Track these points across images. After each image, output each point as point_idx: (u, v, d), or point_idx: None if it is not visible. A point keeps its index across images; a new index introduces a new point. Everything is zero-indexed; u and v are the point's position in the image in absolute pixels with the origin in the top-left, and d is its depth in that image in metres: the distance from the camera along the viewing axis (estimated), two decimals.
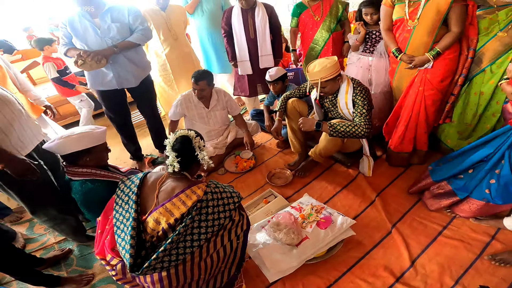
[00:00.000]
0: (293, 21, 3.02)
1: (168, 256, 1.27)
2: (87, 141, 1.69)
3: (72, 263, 2.09)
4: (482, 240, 1.78)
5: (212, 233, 1.33)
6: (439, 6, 1.94)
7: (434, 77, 2.14)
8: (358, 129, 2.08)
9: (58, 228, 2.06)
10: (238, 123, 2.98)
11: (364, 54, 2.65)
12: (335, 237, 1.82)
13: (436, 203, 1.96)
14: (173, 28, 2.93)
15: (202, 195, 1.32)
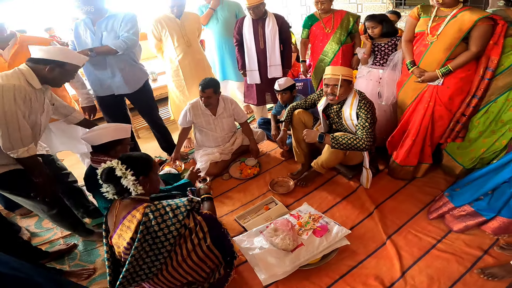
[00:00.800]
0: (304, 33, 3.10)
1: (139, 272, 1.41)
2: (120, 133, 1.93)
3: (75, 257, 2.18)
4: (474, 254, 1.80)
5: (171, 246, 1.41)
6: (462, 24, 1.94)
7: (443, 94, 2.16)
8: (359, 142, 2.13)
9: (60, 224, 2.18)
10: (244, 131, 3.06)
11: (374, 67, 2.72)
12: (329, 245, 1.86)
13: (461, 224, 1.94)
14: (186, 35, 3.05)
15: (142, 218, 1.36)
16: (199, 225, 1.48)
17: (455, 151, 2.36)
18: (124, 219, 1.41)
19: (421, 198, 2.27)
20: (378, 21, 2.59)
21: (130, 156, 1.51)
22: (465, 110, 2.19)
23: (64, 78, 1.89)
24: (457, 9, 1.98)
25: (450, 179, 2.41)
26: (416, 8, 2.20)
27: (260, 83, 3.27)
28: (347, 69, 2.23)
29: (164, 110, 4.12)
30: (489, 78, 2.03)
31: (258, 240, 1.96)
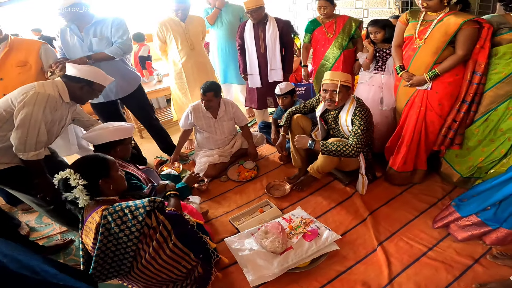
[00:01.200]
0: (306, 37, 3.11)
1: (110, 269, 1.44)
2: (121, 133, 1.98)
3: (71, 252, 2.23)
4: (464, 263, 1.78)
5: (136, 245, 1.42)
6: (448, 27, 1.97)
7: (432, 99, 2.18)
8: (349, 149, 2.14)
9: (55, 219, 2.22)
10: (244, 134, 3.09)
11: (376, 72, 2.72)
12: (318, 249, 1.87)
13: (465, 233, 1.92)
14: (190, 38, 3.10)
15: (100, 220, 1.37)
16: (162, 224, 1.47)
17: (453, 159, 2.34)
18: (86, 220, 1.44)
19: (417, 205, 2.25)
20: (381, 26, 2.60)
21: (84, 161, 1.51)
22: (456, 116, 2.18)
23: (90, 96, 2.01)
24: (443, 13, 2.01)
25: (447, 187, 2.39)
26: (405, 13, 2.24)
27: (261, 87, 3.30)
28: (346, 74, 2.24)
29: (168, 111, 4.18)
30: (477, 82, 2.04)
31: (249, 241, 1.98)
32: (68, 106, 1.98)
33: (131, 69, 2.82)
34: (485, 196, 1.85)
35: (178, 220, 1.59)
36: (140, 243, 1.44)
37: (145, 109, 3.03)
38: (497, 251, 1.80)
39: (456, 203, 2.00)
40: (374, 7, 4.38)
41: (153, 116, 3.12)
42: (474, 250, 1.85)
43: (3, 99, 1.81)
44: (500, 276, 1.67)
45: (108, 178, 1.50)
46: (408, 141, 2.31)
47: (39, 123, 1.74)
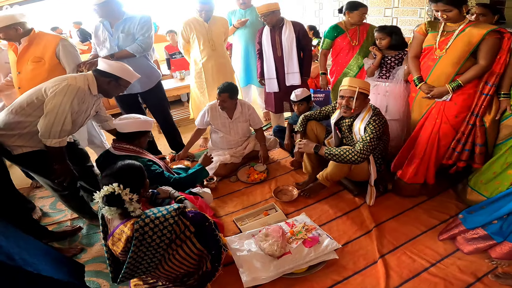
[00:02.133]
0: (327, 43, 3.02)
1: (138, 270, 1.52)
2: (146, 125, 2.17)
3: (77, 239, 2.31)
4: (465, 280, 1.71)
5: (165, 250, 1.52)
6: (472, 37, 1.93)
7: (449, 111, 2.12)
8: (351, 154, 2.09)
9: (67, 204, 2.33)
10: (258, 137, 3.10)
11: (381, 80, 2.67)
12: (316, 257, 1.84)
13: (471, 246, 1.87)
14: (212, 39, 3.15)
15: (132, 234, 1.42)
16: (187, 228, 1.57)
17: (479, 186, 2.21)
18: (115, 231, 1.48)
19: (426, 221, 2.17)
20: (387, 33, 2.57)
21: (124, 174, 1.54)
22: (465, 128, 2.12)
23: (116, 90, 2.12)
24: (464, 24, 1.97)
25: (461, 205, 2.29)
26: (424, 24, 2.20)
27: (278, 91, 3.30)
28: (365, 82, 2.20)
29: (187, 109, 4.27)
30: (486, 93, 1.99)
31: (248, 242, 1.98)
32: (95, 99, 2.09)
33: (153, 65, 2.92)
34: (492, 209, 1.79)
35: (200, 220, 1.64)
36: (169, 248, 1.55)
37: (162, 105, 3.12)
38: (501, 272, 1.72)
39: (463, 215, 1.93)
40: (404, 16, 4.27)
41: (169, 113, 3.22)
42: (478, 268, 1.77)
43: (36, 87, 1.93)
44: None
45: (145, 186, 1.62)
46: (421, 153, 2.25)
47: (66, 113, 1.85)
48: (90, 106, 2.06)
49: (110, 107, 4.70)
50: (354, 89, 2.14)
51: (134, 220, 1.46)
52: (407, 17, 4.26)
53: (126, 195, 1.45)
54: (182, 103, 4.97)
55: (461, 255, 1.87)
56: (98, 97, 2.12)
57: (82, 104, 1.95)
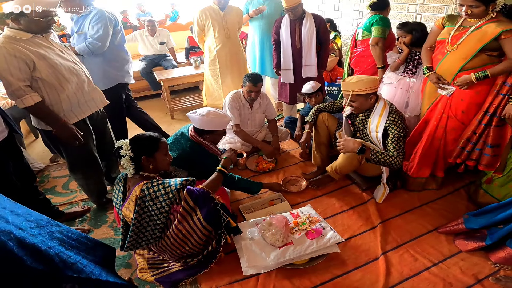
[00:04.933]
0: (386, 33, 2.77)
1: (143, 237, 1.67)
2: (214, 126, 2.17)
3: (85, 220, 2.36)
4: (466, 282, 1.68)
5: (165, 217, 1.64)
6: (485, 35, 1.89)
7: (456, 107, 2.10)
8: (394, 160, 2.06)
9: (86, 188, 2.34)
10: (270, 127, 3.09)
11: (406, 75, 2.60)
12: (318, 249, 1.82)
13: (464, 244, 1.88)
14: (227, 27, 3.15)
15: (139, 193, 1.58)
16: (184, 199, 1.63)
17: (492, 188, 2.16)
18: (130, 194, 1.61)
19: (433, 220, 2.13)
20: (408, 31, 2.51)
21: (139, 136, 1.71)
22: (477, 127, 2.06)
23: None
24: (484, 20, 1.90)
25: (472, 206, 2.24)
26: (442, 17, 2.16)
27: (293, 83, 3.27)
28: (362, 82, 2.09)
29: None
30: (504, 93, 1.92)
31: (251, 231, 1.98)
32: (41, 43, 1.85)
33: (110, 68, 2.72)
34: (493, 214, 1.77)
35: (204, 197, 1.68)
36: (170, 215, 1.65)
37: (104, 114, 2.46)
38: (503, 275, 1.69)
39: (468, 216, 1.91)
40: (429, 12, 4.13)
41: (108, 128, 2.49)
42: (480, 271, 1.74)
43: None
44: None
45: (151, 158, 1.67)
46: (426, 146, 2.25)
47: (7, 71, 1.71)
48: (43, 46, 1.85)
49: None
50: (348, 93, 2.14)
51: (146, 181, 1.60)
52: (432, 14, 4.12)
53: (124, 150, 1.61)
54: (200, 91, 4.99)
55: (465, 256, 1.84)
56: (47, 33, 1.89)
57: (14, 58, 1.71)
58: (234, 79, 3.35)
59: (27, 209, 1.40)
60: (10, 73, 1.71)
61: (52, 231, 1.36)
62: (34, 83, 1.82)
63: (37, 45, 1.83)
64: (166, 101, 4.00)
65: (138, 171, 1.69)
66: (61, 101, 1.92)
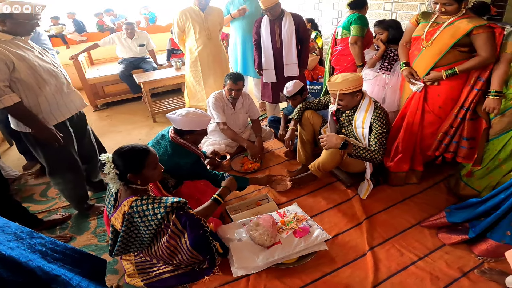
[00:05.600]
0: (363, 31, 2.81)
1: (132, 246, 1.69)
2: (194, 125, 2.13)
3: (66, 227, 2.29)
4: (452, 275, 1.72)
5: (153, 234, 1.64)
6: (457, 31, 1.96)
7: (433, 102, 2.17)
8: (375, 155, 2.12)
9: (66, 193, 2.27)
10: (254, 127, 3.09)
11: (382, 72, 2.67)
12: (306, 247, 1.84)
13: (448, 238, 1.93)
14: (208, 28, 3.13)
15: (128, 210, 1.56)
16: (172, 222, 1.62)
17: (472, 180, 2.23)
18: (120, 205, 1.60)
19: (416, 214, 2.18)
20: (384, 27, 2.59)
21: (124, 152, 1.60)
22: (453, 121, 2.15)
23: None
24: (456, 17, 1.98)
25: (452, 198, 2.31)
26: (417, 14, 2.23)
27: (276, 82, 3.28)
28: (347, 81, 2.14)
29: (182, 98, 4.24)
30: (478, 88, 2.01)
31: (239, 232, 1.98)
32: (21, 45, 1.84)
33: None
34: (474, 208, 1.83)
35: (193, 224, 1.65)
36: (158, 233, 1.65)
37: None
38: (487, 267, 1.74)
39: (450, 210, 1.97)
40: (404, 10, 4.23)
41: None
42: (465, 264, 1.79)
43: None
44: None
45: (138, 175, 1.62)
46: (404, 141, 2.32)
47: None
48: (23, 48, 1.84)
49: (105, 96, 4.69)
50: (335, 92, 2.18)
51: (136, 197, 1.57)
52: (406, 12, 4.23)
53: (108, 168, 1.55)
54: (182, 93, 4.94)
55: (449, 250, 1.89)
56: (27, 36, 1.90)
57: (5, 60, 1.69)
58: (216, 80, 3.34)
59: (6, 221, 1.35)
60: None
61: (33, 243, 1.32)
62: (12, 84, 1.78)
63: (17, 47, 1.81)
64: (147, 104, 3.94)
65: (128, 184, 1.65)
66: (40, 103, 1.88)
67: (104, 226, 2.24)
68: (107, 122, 4.16)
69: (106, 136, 3.67)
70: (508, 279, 1.52)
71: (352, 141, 2.21)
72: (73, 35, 5.56)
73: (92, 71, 4.88)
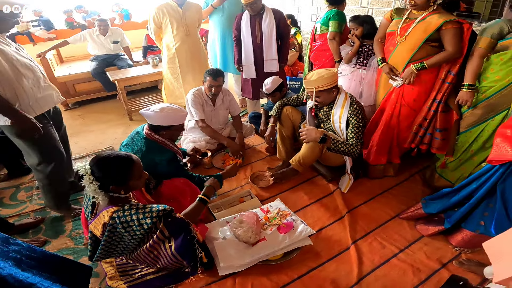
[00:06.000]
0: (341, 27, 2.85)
1: (114, 252, 1.62)
2: (170, 120, 2.06)
3: (40, 231, 2.19)
4: (432, 267, 1.78)
5: (138, 242, 1.57)
6: (428, 26, 2.02)
7: (408, 95, 2.24)
8: (354, 149, 2.16)
9: (48, 188, 2.17)
10: (235, 124, 3.06)
11: (358, 67, 2.72)
12: (291, 243, 1.85)
13: (425, 229, 1.98)
14: (186, 24, 3.07)
15: (109, 221, 1.47)
16: (159, 230, 1.56)
17: (446, 172, 2.31)
18: (99, 214, 1.52)
19: (395, 207, 2.24)
20: (359, 23, 2.64)
21: (105, 163, 1.49)
22: (427, 114, 2.24)
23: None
24: (427, 12, 2.06)
25: (427, 190, 2.39)
26: (390, 10, 2.29)
27: (256, 78, 3.26)
28: (323, 78, 2.14)
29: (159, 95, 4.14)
30: (449, 82, 2.10)
31: (223, 230, 1.96)
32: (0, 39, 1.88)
33: None
34: (448, 198, 1.89)
35: (182, 229, 1.61)
36: (142, 240, 1.58)
37: None
38: (464, 258, 1.81)
39: (426, 201, 2.03)
40: (379, 6, 4.31)
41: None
42: (443, 255, 1.84)
43: None
44: None
45: (123, 186, 1.54)
46: (382, 135, 2.38)
47: None
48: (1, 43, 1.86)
49: (77, 94, 4.52)
50: (312, 90, 2.19)
51: (117, 208, 1.48)
52: (381, 8, 4.30)
53: (87, 180, 1.44)
54: (159, 91, 4.83)
55: (427, 241, 1.95)
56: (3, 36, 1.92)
57: None
58: (195, 77, 3.28)
59: None
60: None
61: (7, 250, 1.25)
62: None
63: None
64: (123, 102, 3.82)
65: (108, 192, 1.54)
66: (18, 96, 1.87)
67: (81, 228, 2.17)
68: (79, 122, 4.00)
69: (79, 136, 3.54)
70: (486, 270, 1.57)
71: (331, 135, 2.24)
72: (40, 32, 5.31)
73: (62, 69, 4.67)
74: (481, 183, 1.73)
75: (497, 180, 1.64)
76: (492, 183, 1.66)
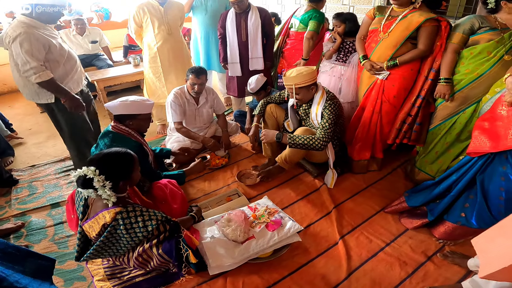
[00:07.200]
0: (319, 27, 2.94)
1: (104, 253, 1.61)
2: (135, 109, 2.05)
3: (21, 235, 2.14)
4: (417, 260, 1.82)
5: (138, 244, 1.59)
6: (410, 24, 2.07)
7: (388, 91, 2.29)
8: (315, 142, 2.16)
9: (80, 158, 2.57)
10: (220, 122, 3.04)
11: (338, 63, 2.77)
12: (280, 240, 1.86)
13: (409, 222, 2.03)
14: (168, 23, 3.02)
15: (111, 221, 1.46)
16: (159, 233, 1.62)
17: (425, 166, 2.38)
18: (97, 215, 1.50)
19: (379, 201, 2.29)
20: (342, 20, 2.69)
21: (109, 160, 1.50)
22: (411, 110, 2.29)
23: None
24: (408, 10, 2.11)
25: (409, 184, 2.45)
26: (373, 8, 2.34)
27: (241, 76, 3.25)
28: (301, 75, 2.17)
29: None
30: (432, 78, 2.16)
31: (211, 229, 1.95)
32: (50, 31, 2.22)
33: None
34: (430, 190, 1.95)
35: (173, 228, 1.66)
36: (137, 245, 1.60)
37: None
38: (448, 250, 1.85)
39: (409, 194, 2.09)
40: (360, 4, 4.37)
41: None
42: (428, 248, 1.89)
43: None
44: (450, 273, 1.72)
45: (129, 180, 1.57)
46: (365, 131, 2.44)
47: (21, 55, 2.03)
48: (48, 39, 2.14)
49: None
50: (291, 87, 2.21)
51: (119, 209, 1.47)
52: (363, 6, 4.36)
53: (99, 182, 1.43)
54: (141, 90, 4.73)
55: (412, 234, 2.00)
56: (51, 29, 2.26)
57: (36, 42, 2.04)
58: (178, 76, 3.23)
59: None
60: (31, 53, 2.04)
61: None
62: (45, 62, 2.15)
63: (49, 33, 2.20)
64: (103, 103, 3.74)
65: None
66: (61, 77, 2.26)
67: (64, 233, 2.14)
68: None
69: (57, 138, 3.42)
70: (469, 262, 1.63)
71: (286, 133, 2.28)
72: None
73: None
74: (460, 175, 1.78)
75: (476, 172, 1.70)
76: (472, 174, 1.71)
